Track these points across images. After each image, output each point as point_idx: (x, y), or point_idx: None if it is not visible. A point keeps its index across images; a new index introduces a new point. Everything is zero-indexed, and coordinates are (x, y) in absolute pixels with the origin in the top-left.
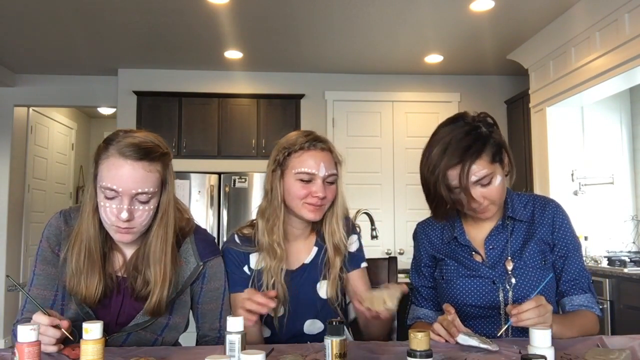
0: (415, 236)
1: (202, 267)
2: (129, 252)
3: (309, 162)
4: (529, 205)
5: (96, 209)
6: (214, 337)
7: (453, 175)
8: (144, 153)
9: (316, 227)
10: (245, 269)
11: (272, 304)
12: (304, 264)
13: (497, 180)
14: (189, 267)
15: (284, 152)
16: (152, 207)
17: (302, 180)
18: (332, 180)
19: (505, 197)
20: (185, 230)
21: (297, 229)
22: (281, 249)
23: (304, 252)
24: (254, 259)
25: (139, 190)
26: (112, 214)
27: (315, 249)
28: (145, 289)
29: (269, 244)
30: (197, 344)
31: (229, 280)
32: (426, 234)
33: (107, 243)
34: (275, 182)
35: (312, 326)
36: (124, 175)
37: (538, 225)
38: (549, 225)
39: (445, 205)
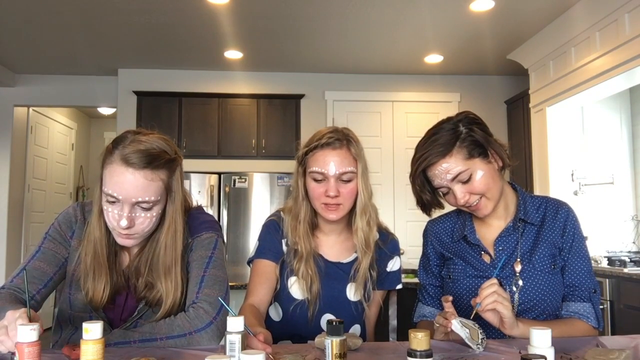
0: (425, 234)
1: (191, 242)
2: (134, 250)
3: (320, 162)
4: (541, 208)
5: (102, 211)
6: (189, 306)
7: (431, 175)
8: (147, 161)
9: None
10: (284, 242)
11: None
12: (341, 262)
13: (478, 175)
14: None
15: (304, 150)
16: (154, 214)
17: (315, 180)
18: (347, 178)
19: (501, 191)
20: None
21: (327, 226)
22: (302, 247)
23: (344, 252)
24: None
25: (139, 199)
26: (114, 218)
27: (354, 255)
28: (149, 293)
29: (292, 241)
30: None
31: (260, 248)
32: (435, 232)
33: (115, 242)
34: (298, 180)
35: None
36: (125, 183)
37: (549, 228)
38: (560, 229)
39: (428, 205)
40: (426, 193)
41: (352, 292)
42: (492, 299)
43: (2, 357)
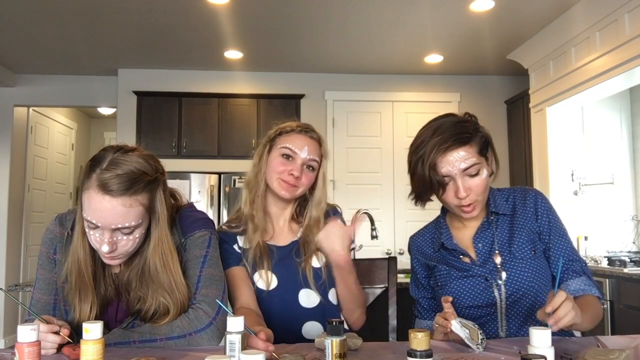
0: (409, 249)
1: (184, 241)
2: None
3: (295, 142)
4: (510, 198)
5: (85, 231)
6: (188, 307)
7: (443, 162)
8: (125, 187)
9: (298, 218)
10: (235, 247)
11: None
12: (293, 241)
13: (484, 173)
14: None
15: (277, 131)
16: (137, 236)
17: (283, 156)
18: (312, 166)
19: (487, 195)
20: (175, 214)
21: (276, 207)
22: (260, 218)
23: (289, 236)
24: (241, 240)
25: (119, 226)
26: (96, 241)
27: (299, 235)
28: (142, 306)
29: (250, 213)
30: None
31: (224, 260)
32: (418, 245)
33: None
34: (263, 155)
35: (308, 299)
36: (103, 210)
37: (521, 215)
38: (532, 214)
39: (429, 188)
40: (442, 181)
41: (309, 262)
42: (570, 317)
43: (2, 357)
